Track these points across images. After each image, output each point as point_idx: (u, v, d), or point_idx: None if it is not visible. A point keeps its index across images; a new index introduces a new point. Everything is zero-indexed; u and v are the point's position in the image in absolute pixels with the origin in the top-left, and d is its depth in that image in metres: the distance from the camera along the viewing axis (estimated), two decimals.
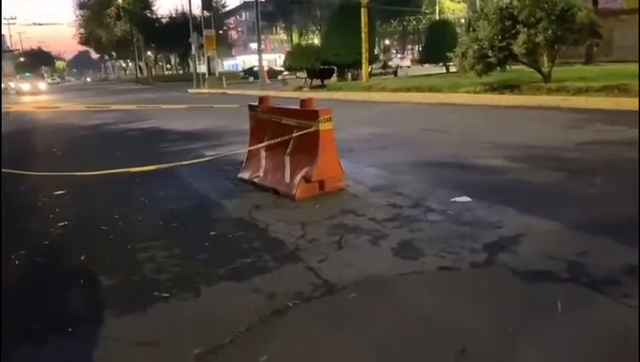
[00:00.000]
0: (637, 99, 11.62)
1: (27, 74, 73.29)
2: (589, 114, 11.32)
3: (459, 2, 64.00)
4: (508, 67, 16.65)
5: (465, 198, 5.45)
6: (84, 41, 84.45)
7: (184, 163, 6.80)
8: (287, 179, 6.21)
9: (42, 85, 51.87)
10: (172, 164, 6.67)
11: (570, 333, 2.87)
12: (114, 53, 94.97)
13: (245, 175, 6.99)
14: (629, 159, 6.84)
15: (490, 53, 15.06)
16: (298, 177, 6.03)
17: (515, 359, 2.69)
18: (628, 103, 11.64)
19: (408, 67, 42.29)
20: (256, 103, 7.23)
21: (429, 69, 32.96)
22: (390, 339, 2.95)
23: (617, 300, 3.16)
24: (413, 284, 3.61)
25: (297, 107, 6.41)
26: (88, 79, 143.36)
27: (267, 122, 6.85)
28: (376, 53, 37.96)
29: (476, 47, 15.32)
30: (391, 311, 3.26)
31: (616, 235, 4.15)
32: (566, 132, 9.38)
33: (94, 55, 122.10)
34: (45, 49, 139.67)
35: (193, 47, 41.62)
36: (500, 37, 14.80)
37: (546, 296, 3.27)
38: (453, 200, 5.44)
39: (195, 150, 10.02)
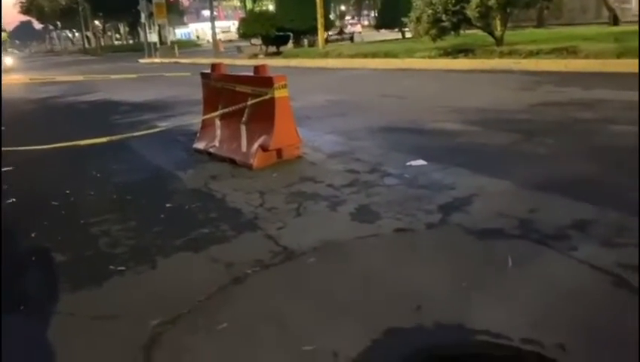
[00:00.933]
0: (586, 60, 11.96)
1: None
2: (540, 76, 11.58)
3: None
4: (462, 31, 16.76)
5: (420, 162, 5.52)
6: (26, 10, 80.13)
7: (136, 134, 6.62)
8: (244, 148, 6.14)
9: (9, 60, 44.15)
10: (124, 136, 6.47)
11: (521, 287, 2.98)
12: (59, 23, 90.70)
13: (200, 145, 6.87)
14: (578, 119, 7.06)
15: (444, 17, 15.11)
16: (255, 146, 5.96)
17: (469, 313, 2.77)
18: (577, 65, 11.95)
19: (359, 33, 42.08)
20: (209, 71, 7.05)
21: (384, 34, 32.85)
22: (349, 300, 2.99)
23: (565, 253, 3.28)
24: (370, 247, 3.66)
25: (251, 74, 6.29)
26: (32, 51, 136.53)
27: (221, 90, 6.71)
28: (332, 19, 37.51)
29: (430, 11, 15.34)
30: (349, 274, 3.30)
31: (564, 192, 4.29)
32: (518, 94, 9.56)
33: (38, 25, 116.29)
34: None
35: (143, 16, 40.09)
36: (453, 1, 14.84)
37: (497, 253, 3.37)
38: (409, 164, 5.51)
39: (147, 121, 9.76)
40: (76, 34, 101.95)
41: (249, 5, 43.94)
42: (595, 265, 3.10)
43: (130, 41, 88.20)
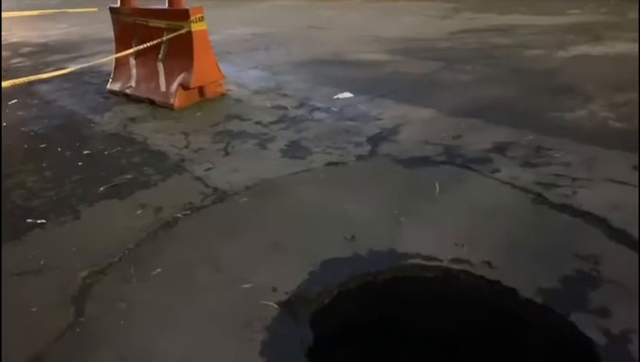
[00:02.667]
0: None
1: None
2: (459, 3, 11.70)
3: None
4: None
5: (347, 94, 5.50)
6: None
7: (43, 77, 6.09)
8: (163, 87, 5.83)
9: None
10: (29, 78, 5.93)
11: (448, 210, 3.09)
12: None
13: (115, 86, 6.46)
14: (495, 45, 7.23)
15: None
16: (175, 85, 5.68)
17: (401, 239, 2.85)
18: None
19: None
20: (118, 5, 6.53)
21: None
22: (284, 236, 2.99)
23: (488, 176, 3.43)
24: (302, 182, 3.64)
25: (165, 7, 5.89)
26: None
27: (133, 26, 6.26)
28: None
29: None
30: (283, 210, 3.29)
31: (485, 117, 4.43)
32: (439, 22, 9.64)
33: None
34: None
35: None
36: None
37: (425, 179, 3.46)
38: (336, 97, 5.47)
39: (54, 63, 9.01)
40: None
41: None
42: (516, 185, 3.26)
43: None
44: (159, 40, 5.78)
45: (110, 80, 6.63)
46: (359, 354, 2.84)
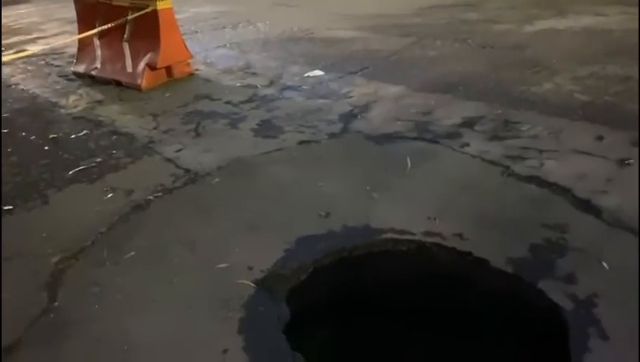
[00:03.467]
0: None
1: None
2: None
3: None
4: None
5: (318, 72, 5.47)
6: None
7: (4, 59, 5.89)
8: (130, 68, 5.70)
9: None
10: None
11: (420, 185, 3.14)
12: None
13: (80, 68, 6.28)
14: (464, 20, 7.27)
15: None
16: (141, 65, 5.56)
17: (375, 214, 2.89)
18: None
19: None
20: None
21: None
22: (258, 216, 2.99)
23: (458, 150, 3.48)
24: (275, 161, 3.64)
25: None
26: None
27: (96, 5, 6.06)
28: None
29: None
30: (256, 190, 3.29)
31: (455, 92, 4.48)
32: None
33: None
34: None
35: None
36: None
37: (397, 155, 3.49)
38: (307, 75, 5.44)
39: (13, 45, 8.69)
40: None
41: None
42: (485, 158, 3.32)
43: None
44: (124, 19, 5.62)
45: (74, 62, 6.44)
46: (336, 328, 2.89)
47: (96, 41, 6.11)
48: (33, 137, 4.51)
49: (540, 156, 3.25)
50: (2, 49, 7.94)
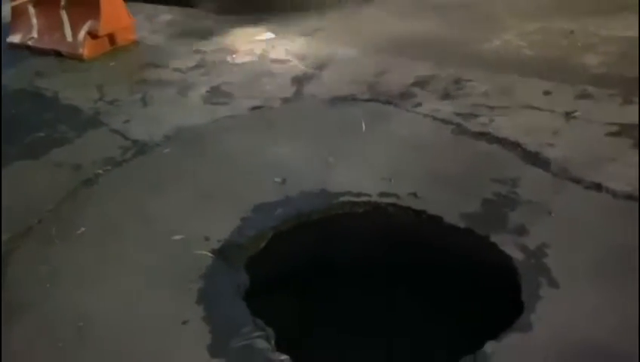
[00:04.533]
0: None
1: None
2: None
3: None
4: None
5: (269, 35, 5.33)
6: None
7: None
8: (69, 37, 5.41)
9: None
10: None
11: (375, 147, 3.14)
12: None
13: (15, 39, 5.91)
14: None
15: None
16: (82, 33, 5.28)
17: (331, 177, 2.88)
18: None
19: None
20: None
21: None
22: (213, 185, 2.94)
23: (411, 110, 3.48)
24: (227, 129, 3.56)
25: None
26: None
27: None
28: None
29: None
30: (209, 158, 3.22)
31: (407, 53, 4.44)
32: None
33: None
34: None
35: None
36: None
37: (351, 118, 3.48)
38: (258, 38, 5.29)
39: None
40: None
41: None
42: (437, 117, 3.34)
43: None
44: None
45: (9, 32, 6.06)
46: (298, 293, 2.90)
47: (31, 9, 5.75)
48: None
49: (490, 113, 3.30)
50: None
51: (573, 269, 2.12)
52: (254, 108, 3.80)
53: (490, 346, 1.86)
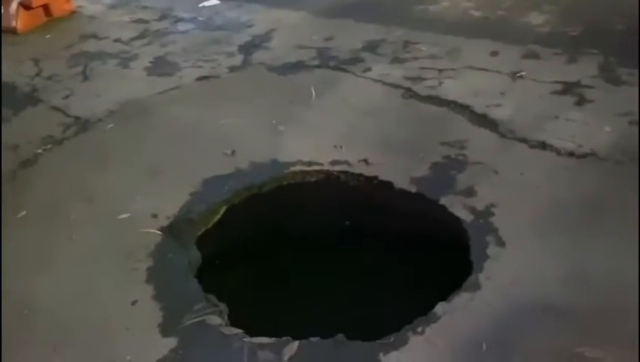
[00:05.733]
0: None
1: None
2: None
3: None
4: None
5: (214, 1, 5.15)
6: None
7: None
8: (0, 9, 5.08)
9: None
10: None
11: (325, 114, 3.10)
12: None
13: None
14: None
15: None
16: (14, 5, 4.96)
17: (281, 148, 2.83)
18: None
19: None
20: None
21: None
22: (159, 160, 2.85)
23: (361, 75, 3.45)
24: (173, 101, 3.44)
25: None
26: None
27: None
28: None
29: None
30: (155, 133, 3.11)
31: (355, 16, 4.37)
32: None
33: None
34: None
35: None
36: None
37: (301, 85, 3.41)
38: (201, 5, 5.11)
39: None
40: None
41: None
42: (386, 82, 3.32)
43: None
44: None
45: None
46: (252, 266, 2.88)
47: None
48: None
49: (438, 75, 3.30)
50: None
51: (519, 227, 2.16)
52: (201, 78, 3.69)
53: (440, 307, 1.89)
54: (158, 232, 2.39)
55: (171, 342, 1.88)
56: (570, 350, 1.62)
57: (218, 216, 2.61)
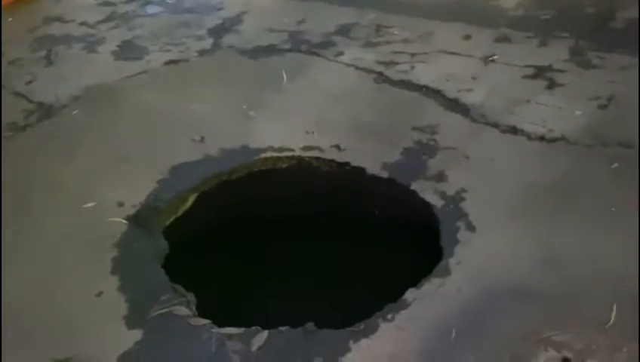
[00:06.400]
0: None
1: None
2: None
3: None
4: None
5: None
6: None
7: None
8: None
9: None
10: None
11: (297, 98, 3.05)
12: None
13: None
14: None
15: None
16: None
17: (253, 133, 2.78)
18: None
19: None
20: None
21: None
22: (126, 147, 2.78)
23: (333, 60, 3.39)
24: (141, 86, 3.35)
25: None
26: None
27: None
28: None
29: None
30: (122, 119, 3.03)
31: None
32: None
33: None
34: None
35: None
36: None
37: (272, 69, 3.35)
38: None
39: None
40: None
41: None
42: (359, 66, 3.27)
43: None
44: None
45: None
46: (222, 254, 2.84)
47: None
48: None
49: (411, 60, 3.26)
50: None
51: (490, 212, 2.16)
52: (169, 62, 3.59)
53: (411, 293, 1.88)
54: (124, 221, 2.33)
55: (137, 334, 1.84)
56: (538, 334, 1.63)
57: (187, 204, 2.56)
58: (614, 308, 1.67)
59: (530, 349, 1.59)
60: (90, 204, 2.41)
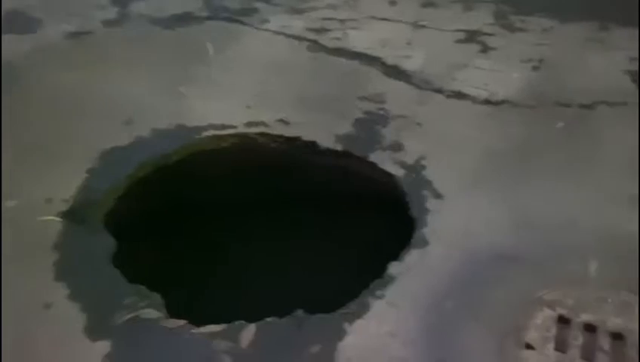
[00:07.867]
0: None
1: None
2: None
3: None
4: None
5: None
6: None
7: None
8: None
9: None
10: None
11: (228, 70, 2.84)
12: None
13: None
14: None
15: None
16: None
17: (188, 111, 2.55)
18: None
19: None
20: None
21: None
22: (42, 136, 2.43)
23: (260, 28, 3.20)
24: (42, 64, 2.91)
25: None
26: None
27: None
28: None
29: None
30: (30, 104, 2.63)
31: None
32: None
33: None
34: None
35: None
36: None
37: (193, 40, 3.09)
38: None
39: None
40: None
41: None
42: (288, 34, 3.12)
43: None
44: None
45: None
46: (168, 242, 2.61)
47: None
48: None
49: (342, 26, 3.17)
50: None
51: (452, 178, 2.17)
52: (71, 35, 3.17)
53: (394, 267, 1.84)
54: (58, 219, 2.03)
55: (104, 346, 1.62)
56: (531, 295, 1.66)
57: (123, 193, 2.29)
58: (593, 262, 1.75)
59: (527, 311, 1.62)
60: (11, 203, 2.07)
